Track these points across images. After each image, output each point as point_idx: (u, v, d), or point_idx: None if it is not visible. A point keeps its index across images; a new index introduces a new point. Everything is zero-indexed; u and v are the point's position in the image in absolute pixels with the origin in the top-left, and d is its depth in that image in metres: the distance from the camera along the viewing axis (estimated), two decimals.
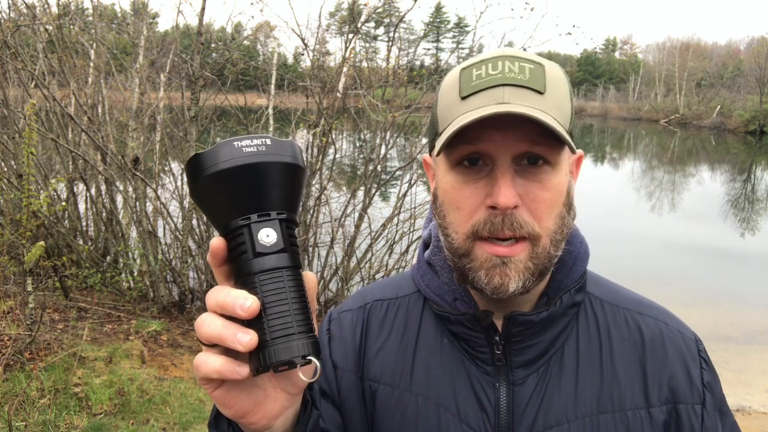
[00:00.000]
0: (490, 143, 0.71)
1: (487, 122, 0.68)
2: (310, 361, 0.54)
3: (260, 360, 0.53)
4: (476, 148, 0.72)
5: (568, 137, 0.69)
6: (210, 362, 0.55)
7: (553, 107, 0.72)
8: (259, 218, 0.55)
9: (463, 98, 0.73)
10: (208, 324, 0.54)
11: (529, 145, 0.71)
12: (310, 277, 0.58)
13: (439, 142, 0.73)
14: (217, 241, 0.56)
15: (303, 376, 0.58)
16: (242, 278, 0.55)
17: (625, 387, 0.79)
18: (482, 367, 0.81)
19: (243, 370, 0.54)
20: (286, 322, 0.53)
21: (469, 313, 0.80)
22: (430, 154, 0.84)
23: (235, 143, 0.54)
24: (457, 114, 0.73)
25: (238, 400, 0.59)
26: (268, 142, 0.55)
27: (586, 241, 0.85)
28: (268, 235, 0.54)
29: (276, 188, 0.56)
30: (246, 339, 0.52)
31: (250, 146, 0.54)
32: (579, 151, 0.81)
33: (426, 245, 0.92)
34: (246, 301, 0.52)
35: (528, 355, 0.79)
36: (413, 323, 0.88)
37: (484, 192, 0.73)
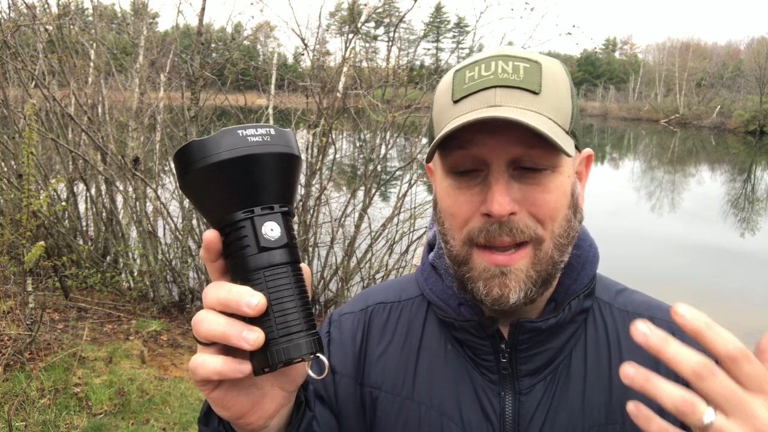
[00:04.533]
0: (483, 147, 0.68)
1: (479, 126, 0.66)
2: (317, 358, 0.53)
3: (267, 359, 0.51)
4: (470, 152, 0.69)
5: (559, 142, 0.64)
6: (209, 363, 0.52)
7: (550, 107, 0.69)
8: (263, 211, 0.53)
9: (455, 102, 0.71)
10: (209, 322, 0.51)
11: (524, 148, 0.67)
12: (305, 271, 0.57)
13: (431, 148, 0.71)
14: (211, 234, 0.53)
15: (312, 374, 0.57)
16: (244, 274, 0.53)
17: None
18: (487, 375, 0.78)
19: (245, 367, 0.52)
20: (293, 319, 0.52)
21: (474, 319, 0.77)
22: (429, 160, 0.83)
23: (239, 131, 0.51)
24: (449, 119, 0.70)
25: (236, 401, 0.56)
26: (272, 131, 0.53)
27: (595, 244, 0.82)
28: (272, 229, 0.52)
29: (279, 180, 0.54)
30: (253, 337, 0.50)
31: (255, 135, 0.52)
32: (587, 150, 0.78)
33: (431, 247, 0.89)
34: (252, 299, 0.50)
35: (535, 363, 0.77)
36: (416, 328, 0.85)
37: (479, 199, 0.70)
